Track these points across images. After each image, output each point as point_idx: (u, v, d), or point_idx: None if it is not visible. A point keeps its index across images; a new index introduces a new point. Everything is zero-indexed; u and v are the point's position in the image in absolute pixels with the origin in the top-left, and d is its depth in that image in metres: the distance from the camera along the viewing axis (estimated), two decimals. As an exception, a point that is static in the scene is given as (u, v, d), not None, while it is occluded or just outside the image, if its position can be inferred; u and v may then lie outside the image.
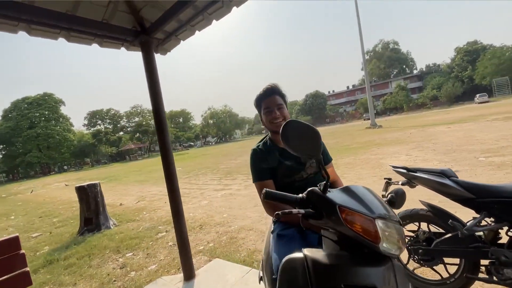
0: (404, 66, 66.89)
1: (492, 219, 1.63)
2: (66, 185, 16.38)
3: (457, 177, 1.79)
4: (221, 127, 61.99)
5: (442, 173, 1.82)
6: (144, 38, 2.26)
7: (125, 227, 4.71)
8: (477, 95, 36.32)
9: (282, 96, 1.43)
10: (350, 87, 71.12)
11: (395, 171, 2.04)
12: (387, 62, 65.34)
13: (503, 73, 40.29)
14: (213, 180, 8.80)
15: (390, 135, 13.90)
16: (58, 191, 13.57)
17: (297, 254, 0.83)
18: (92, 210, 4.69)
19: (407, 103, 51.34)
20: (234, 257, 2.80)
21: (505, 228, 1.58)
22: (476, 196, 1.65)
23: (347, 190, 0.86)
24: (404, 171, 1.96)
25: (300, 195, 0.90)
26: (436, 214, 1.85)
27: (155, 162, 25.40)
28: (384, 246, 0.75)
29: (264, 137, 1.51)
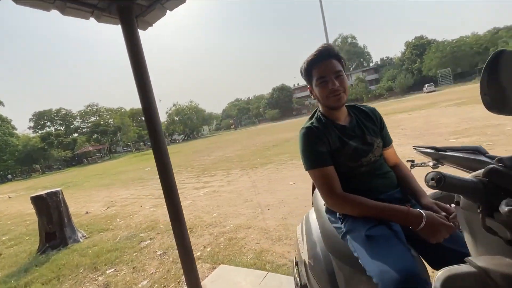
0: (362, 60, 70.97)
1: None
2: (10, 197, 14.27)
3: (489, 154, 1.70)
4: (188, 123, 59.90)
5: (477, 150, 1.71)
6: (124, 3, 1.79)
7: (98, 238, 4.08)
8: (426, 85, 40.16)
9: (340, 60, 1.10)
10: (314, 80, 73.36)
11: (420, 152, 1.89)
12: (346, 55, 68.52)
13: (446, 65, 44.88)
14: (190, 178, 8.26)
15: (358, 123, 14.50)
16: (2, 204, 11.74)
17: (463, 268, 0.56)
18: (54, 223, 3.96)
19: (367, 94, 54.66)
20: (241, 260, 2.48)
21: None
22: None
23: None
24: (432, 151, 1.82)
25: (477, 178, 0.58)
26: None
27: (121, 164, 23.49)
28: None
29: (314, 113, 1.20)
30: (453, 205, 0.70)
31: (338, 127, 1.11)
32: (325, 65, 1.07)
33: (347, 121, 1.14)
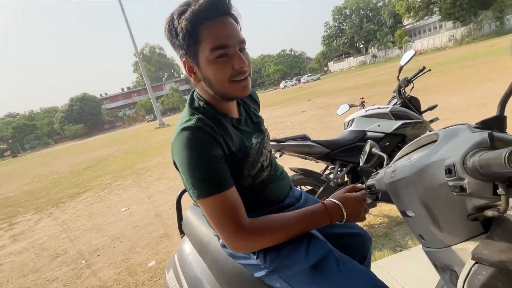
0: (172, 71, 73.54)
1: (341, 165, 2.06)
2: None
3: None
4: None
5: (304, 137, 2.03)
6: None
7: None
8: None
9: (238, 23, 0.69)
10: (126, 90, 66.99)
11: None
12: (157, 65, 68.24)
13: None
14: None
15: (182, 131, 14.72)
16: None
17: (485, 272, 0.42)
18: None
19: (182, 103, 57.54)
20: None
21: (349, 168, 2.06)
22: (331, 149, 2.00)
23: None
24: (275, 143, 1.98)
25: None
26: (307, 175, 2.04)
27: None
28: None
29: (193, 102, 0.76)
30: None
31: (234, 122, 0.77)
32: (225, 25, 0.65)
33: (237, 111, 0.82)
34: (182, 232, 1.20)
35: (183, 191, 1.19)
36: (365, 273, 0.67)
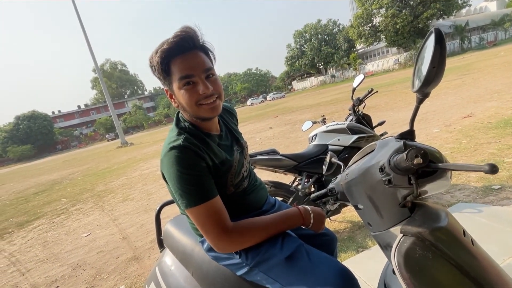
0: (136, 87, 71.00)
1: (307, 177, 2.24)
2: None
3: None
4: None
5: (273, 151, 2.19)
6: None
7: None
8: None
9: (208, 54, 0.84)
10: (83, 107, 62.62)
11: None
12: (119, 82, 65.46)
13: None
14: None
15: (148, 149, 14.16)
16: None
17: (408, 241, 0.57)
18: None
19: (147, 121, 55.37)
20: None
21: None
22: (298, 162, 2.18)
23: None
24: (247, 157, 2.11)
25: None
26: (278, 187, 2.19)
27: None
28: None
29: (179, 122, 0.87)
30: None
31: (216, 139, 0.88)
32: (189, 58, 0.78)
33: (219, 128, 0.93)
34: (161, 246, 1.24)
35: (162, 206, 1.24)
36: (331, 260, 0.81)
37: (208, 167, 0.79)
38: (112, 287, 2.36)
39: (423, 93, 0.61)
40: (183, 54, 0.78)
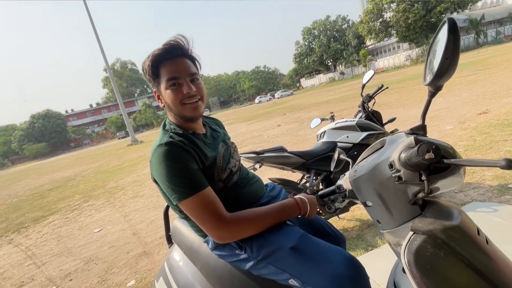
0: (145, 86, 71.95)
1: (316, 174, 2.22)
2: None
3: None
4: None
5: (281, 149, 2.18)
6: None
7: None
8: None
9: (194, 62, 0.94)
10: (94, 106, 64.03)
11: (245, 157, 2.13)
12: (129, 81, 66.46)
13: (214, 94, 57.39)
14: None
15: (157, 147, 14.33)
16: None
17: (419, 239, 0.56)
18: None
19: (156, 119, 56.08)
20: None
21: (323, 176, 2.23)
22: (306, 159, 2.16)
23: None
24: (254, 155, 2.10)
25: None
26: (286, 185, 2.18)
27: None
28: None
29: (165, 126, 0.95)
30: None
31: (201, 137, 0.94)
32: (177, 64, 0.88)
33: (203, 129, 1.00)
34: (170, 242, 1.25)
35: None
36: (337, 249, 0.81)
37: (195, 160, 0.83)
38: (123, 281, 2.41)
39: (435, 86, 0.58)
40: (172, 60, 0.87)
